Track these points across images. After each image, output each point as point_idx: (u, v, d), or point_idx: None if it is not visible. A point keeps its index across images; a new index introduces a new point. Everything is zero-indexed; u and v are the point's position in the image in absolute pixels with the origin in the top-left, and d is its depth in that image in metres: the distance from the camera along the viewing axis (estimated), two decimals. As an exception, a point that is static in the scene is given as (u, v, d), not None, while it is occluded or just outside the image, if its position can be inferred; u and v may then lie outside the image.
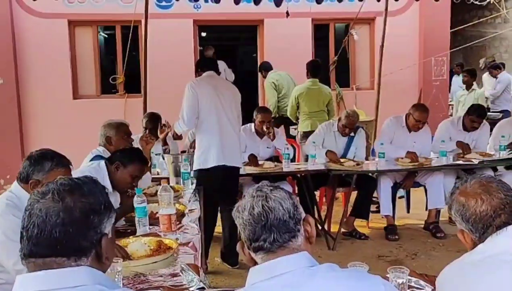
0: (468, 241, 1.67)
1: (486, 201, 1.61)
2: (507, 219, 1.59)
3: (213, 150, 4.19)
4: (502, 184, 1.68)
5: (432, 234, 5.11)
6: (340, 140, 5.39)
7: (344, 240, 5.08)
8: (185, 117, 4.17)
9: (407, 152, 5.09)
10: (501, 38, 12.65)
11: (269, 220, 1.43)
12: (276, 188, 1.51)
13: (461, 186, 1.71)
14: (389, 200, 5.16)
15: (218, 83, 4.37)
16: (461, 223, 1.66)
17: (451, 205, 1.70)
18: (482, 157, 5.11)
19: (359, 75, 8.66)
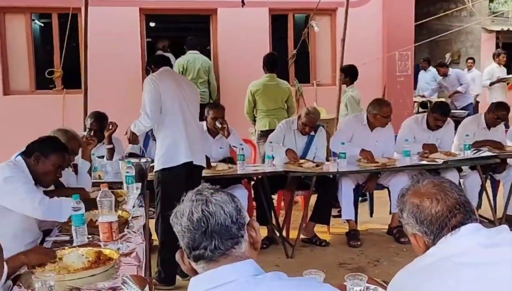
0: (420, 245, 1.71)
1: (441, 200, 1.66)
2: (462, 219, 1.64)
3: (180, 146, 4.19)
4: (453, 184, 1.74)
5: (396, 239, 5.22)
6: (300, 140, 5.44)
7: (304, 247, 5.12)
8: (149, 112, 4.14)
9: (362, 150, 5.18)
10: (467, 32, 13.08)
11: (210, 225, 1.43)
12: (218, 190, 1.51)
13: (413, 186, 1.75)
14: (351, 204, 5.24)
15: (178, 77, 4.42)
16: (414, 226, 1.70)
17: (403, 208, 1.74)
18: (447, 156, 5.27)
19: (320, 70, 8.76)
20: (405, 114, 7.85)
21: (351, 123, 5.52)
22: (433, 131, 5.58)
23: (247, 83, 6.52)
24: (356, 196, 5.37)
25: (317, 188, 5.11)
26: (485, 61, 12.91)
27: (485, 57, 12.92)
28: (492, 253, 1.54)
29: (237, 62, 7.67)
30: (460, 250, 1.58)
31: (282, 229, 5.23)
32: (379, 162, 5.15)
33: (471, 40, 13.24)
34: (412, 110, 9.01)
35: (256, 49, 7.58)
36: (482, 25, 12.69)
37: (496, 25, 12.73)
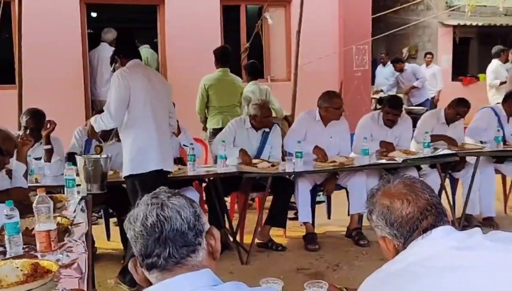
0: (390, 249, 1.70)
1: (413, 202, 1.66)
2: (433, 221, 1.65)
3: (150, 152, 4.09)
4: (425, 184, 1.75)
5: (355, 242, 5.27)
6: (254, 138, 5.42)
7: (259, 252, 5.11)
8: (113, 111, 4.01)
9: (315, 147, 5.20)
10: (424, 26, 13.40)
11: (164, 231, 1.40)
12: (175, 194, 1.49)
13: (384, 187, 1.74)
14: (308, 205, 5.26)
15: (149, 73, 4.28)
16: (384, 228, 1.69)
17: (372, 209, 1.73)
18: (406, 155, 5.35)
19: (274, 64, 8.79)
20: (363, 111, 7.95)
21: (303, 120, 5.54)
22: (390, 128, 5.66)
23: (197, 79, 6.45)
24: (313, 197, 5.39)
25: (272, 189, 5.10)
26: (442, 56, 13.27)
27: (442, 52, 13.28)
28: (465, 257, 1.55)
29: (187, 56, 7.57)
30: (432, 254, 1.57)
31: (236, 234, 5.20)
32: (336, 160, 5.18)
33: (428, 35, 13.57)
34: (370, 107, 9.15)
35: (207, 42, 7.51)
36: (439, 20, 13.02)
37: (452, 20, 13.08)
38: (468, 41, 14.67)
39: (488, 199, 5.67)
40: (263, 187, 5.09)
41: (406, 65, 10.39)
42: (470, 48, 15.11)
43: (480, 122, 5.99)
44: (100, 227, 5.48)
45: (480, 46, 14.97)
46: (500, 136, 5.61)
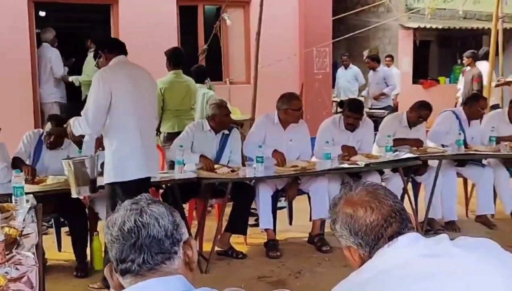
0: (356, 258, 1.70)
1: (376, 209, 1.66)
2: (398, 228, 1.65)
3: (133, 160, 4.04)
4: (388, 191, 1.75)
5: (317, 248, 5.29)
6: (213, 142, 5.38)
7: (219, 260, 5.07)
8: (91, 117, 3.90)
9: (274, 151, 5.21)
10: (385, 28, 13.65)
11: (141, 237, 1.44)
12: (156, 202, 1.52)
13: (346, 195, 1.74)
14: (269, 211, 5.25)
15: (133, 72, 4.18)
16: (349, 237, 1.68)
17: (335, 219, 1.72)
18: (368, 159, 5.41)
19: (233, 67, 8.78)
20: (324, 114, 8.03)
21: (262, 124, 5.54)
22: (352, 132, 5.71)
23: (153, 81, 6.35)
24: (274, 203, 5.39)
25: (232, 195, 5.08)
26: (402, 58, 13.53)
27: (402, 55, 13.54)
28: (433, 264, 1.55)
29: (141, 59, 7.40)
30: (400, 262, 1.57)
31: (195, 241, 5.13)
32: (297, 165, 5.19)
33: (389, 37, 13.82)
34: (331, 110, 9.24)
35: (163, 44, 7.41)
36: (399, 22, 13.28)
37: (413, 22, 13.35)
38: (428, 44, 15.02)
39: (450, 202, 5.79)
40: (222, 193, 5.06)
41: (380, 66, 10.44)
42: (430, 51, 15.46)
43: (442, 126, 6.11)
44: (50, 237, 5.34)
45: (440, 49, 15.36)
46: (462, 139, 5.74)
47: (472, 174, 6.03)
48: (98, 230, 4.88)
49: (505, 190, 5.98)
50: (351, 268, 4.46)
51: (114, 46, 4.17)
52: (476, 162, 5.99)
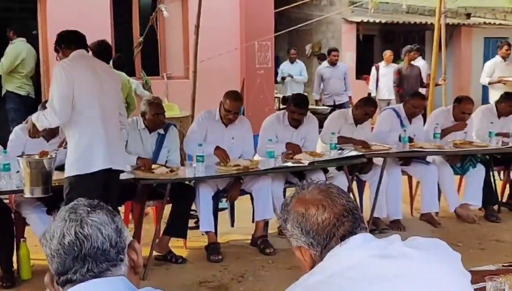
0: (306, 259, 1.70)
1: (328, 207, 1.67)
2: (351, 227, 1.66)
3: (97, 150, 4.09)
4: (341, 189, 1.77)
5: (261, 251, 5.29)
6: (148, 141, 5.30)
7: (158, 265, 5.01)
8: (58, 107, 3.95)
9: (216, 148, 5.21)
10: (328, 22, 13.81)
11: (84, 249, 1.41)
12: (96, 208, 1.48)
13: (298, 194, 1.75)
14: (210, 213, 5.22)
15: (96, 65, 4.25)
16: (300, 237, 1.69)
17: (287, 218, 1.73)
18: (313, 157, 5.45)
19: (171, 61, 8.71)
20: (266, 111, 8.05)
21: (203, 120, 5.51)
22: (296, 129, 5.75)
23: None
24: (215, 204, 5.36)
25: (171, 196, 5.02)
26: (346, 53, 13.72)
27: (346, 49, 13.72)
28: (386, 266, 1.57)
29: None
30: (352, 264, 1.58)
31: (132, 246, 5.05)
32: (239, 164, 5.19)
33: (332, 31, 13.98)
34: (273, 107, 9.27)
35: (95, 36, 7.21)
36: (342, 16, 13.46)
37: (356, 16, 13.57)
38: (371, 39, 15.27)
39: (395, 201, 5.91)
40: (161, 195, 5.00)
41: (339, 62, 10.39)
42: (373, 45, 15.73)
43: (384, 125, 6.24)
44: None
45: (383, 44, 15.63)
46: (406, 136, 5.86)
47: (417, 172, 6.18)
48: (25, 236, 4.72)
49: (449, 188, 6.16)
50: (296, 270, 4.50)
51: (72, 41, 4.20)
52: (421, 159, 6.15)
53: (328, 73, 10.18)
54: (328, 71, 10.21)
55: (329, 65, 10.24)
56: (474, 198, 6.16)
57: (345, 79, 10.27)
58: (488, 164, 6.34)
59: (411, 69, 9.80)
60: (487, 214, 6.28)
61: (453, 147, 6.01)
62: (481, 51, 15.24)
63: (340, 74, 10.21)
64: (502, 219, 6.23)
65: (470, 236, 5.68)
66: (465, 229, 5.96)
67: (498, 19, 15.54)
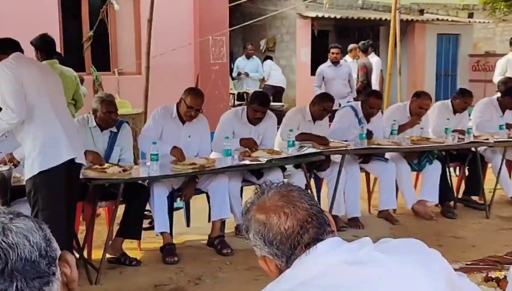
0: (272, 269, 1.64)
1: (291, 214, 1.61)
2: (316, 234, 1.60)
3: (59, 141, 4.08)
4: (303, 192, 1.70)
5: (218, 251, 5.24)
6: (100, 140, 5.18)
7: (111, 269, 4.91)
8: (13, 105, 3.91)
9: (173, 148, 5.14)
10: (282, 17, 13.85)
11: (10, 262, 1.22)
12: (18, 215, 1.30)
13: (258, 200, 1.68)
14: (164, 213, 5.14)
15: (38, 63, 4.34)
16: (263, 247, 1.62)
17: (248, 227, 1.66)
18: (271, 154, 5.42)
19: (122, 56, 8.60)
20: (221, 108, 8.01)
21: (159, 117, 5.43)
22: (254, 125, 5.71)
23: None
24: (170, 204, 5.28)
25: (124, 196, 4.91)
26: (301, 49, 13.79)
27: (300, 45, 13.79)
28: (357, 272, 1.52)
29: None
30: (322, 271, 1.53)
31: (83, 249, 4.94)
32: (195, 162, 5.12)
33: (286, 26, 14.02)
34: (228, 103, 9.23)
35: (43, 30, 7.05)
36: (297, 11, 13.50)
37: (311, 11, 13.64)
38: (326, 34, 15.38)
39: (353, 199, 5.94)
40: (113, 195, 4.89)
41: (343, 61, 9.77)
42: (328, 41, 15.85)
43: (342, 123, 6.25)
44: None
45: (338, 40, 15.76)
46: (364, 133, 5.88)
47: (375, 169, 6.22)
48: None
49: (407, 184, 6.23)
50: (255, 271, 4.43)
51: (6, 46, 4.17)
52: (379, 157, 6.19)
53: (331, 74, 9.17)
54: (330, 71, 9.21)
55: (332, 64, 9.22)
56: (431, 194, 6.25)
57: (350, 81, 9.26)
58: (444, 160, 6.44)
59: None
60: (443, 210, 6.37)
61: (410, 143, 6.07)
62: (434, 48, 15.58)
63: (344, 75, 9.22)
64: (458, 215, 6.34)
65: (428, 233, 5.75)
66: (423, 226, 6.04)
67: (451, 15, 15.90)
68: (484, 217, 6.28)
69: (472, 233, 5.84)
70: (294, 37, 13.79)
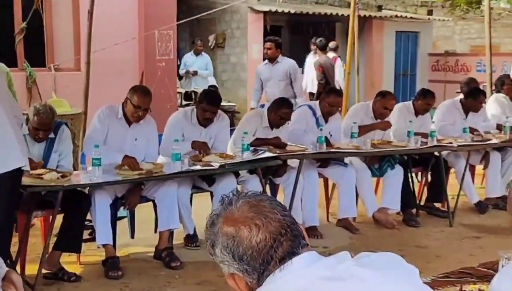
0: (242, 288, 1.61)
1: (263, 226, 1.57)
2: (290, 247, 1.58)
3: (8, 146, 4.05)
4: (274, 201, 1.67)
5: (166, 264, 5.18)
6: (35, 147, 5.05)
7: (47, 285, 4.80)
8: None
9: (125, 157, 5.08)
10: (233, 11, 13.85)
11: None
12: None
13: (225, 211, 1.64)
14: (107, 223, 5.05)
15: None
16: (232, 263, 1.59)
17: (214, 241, 1.62)
18: (223, 159, 5.39)
19: (60, 50, 8.52)
20: (168, 108, 7.96)
21: (104, 118, 5.34)
22: (205, 127, 5.67)
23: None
24: (113, 213, 5.19)
25: (63, 205, 4.81)
26: (252, 45, 13.81)
27: (252, 41, 13.81)
28: (339, 289, 1.51)
29: None
30: (299, 288, 1.50)
31: (16, 264, 4.80)
32: (142, 168, 5.05)
33: (237, 21, 14.02)
34: (175, 103, 9.19)
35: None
36: (248, 4, 13.52)
37: (263, 5, 13.69)
38: (279, 30, 15.45)
39: (311, 206, 5.95)
40: (50, 204, 4.81)
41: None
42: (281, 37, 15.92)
43: (298, 124, 6.24)
44: None
45: (291, 36, 15.89)
46: (323, 136, 5.89)
47: (334, 174, 6.25)
48: None
49: (367, 191, 6.29)
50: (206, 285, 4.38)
51: None
52: (338, 161, 6.21)
53: (266, 73, 8.06)
54: (266, 70, 8.09)
55: (268, 62, 8.10)
56: (393, 201, 6.32)
57: (292, 82, 7.92)
58: (407, 165, 6.52)
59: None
60: (405, 218, 6.46)
61: (371, 147, 6.12)
62: (392, 46, 15.88)
63: (280, 74, 7.93)
64: (421, 223, 6.43)
65: (390, 242, 5.82)
66: (384, 235, 6.10)
67: (409, 12, 16.21)
68: (447, 225, 6.41)
69: (436, 242, 5.94)
70: (245, 33, 13.80)
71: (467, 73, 14.62)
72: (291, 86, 7.89)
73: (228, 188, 5.35)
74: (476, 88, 7.40)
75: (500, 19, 16.21)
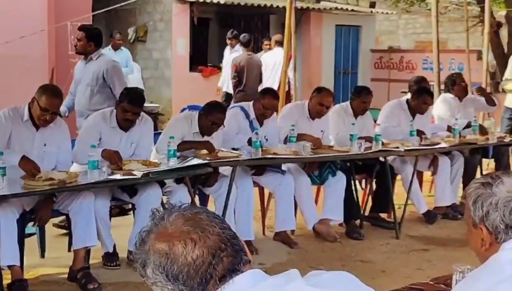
0: None
1: (200, 241, 1.58)
2: (231, 264, 1.59)
3: None
4: (212, 214, 1.69)
5: (82, 286, 5.09)
6: None
7: None
8: None
9: (22, 158, 4.97)
10: (155, 1, 13.81)
11: None
12: None
13: (157, 226, 1.64)
14: (13, 242, 4.94)
15: None
16: (165, 284, 1.59)
17: (145, 261, 1.61)
18: (146, 166, 5.34)
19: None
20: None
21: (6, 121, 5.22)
22: (126, 131, 5.62)
23: None
24: (21, 230, 5.08)
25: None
26: (177, 39, 13.77)
27: (177, 35, 13.78)
28: None
29: None
30: None
31: None
32: (53, 177, 4.96)
33: (160, 12, 13.97)
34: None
35: None
36: (173, -6, 13.51)
37: (190, -5, 13.69)
38: (207, 22, 15.48)
39: (245, 219, 5.95)
40: None
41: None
42: (209, 31, 15.94)
43: (230, 127, 6.22)
44: None
45: (220, 30, 15.92)
46: (258, 140, 5.90)
47: (270, 182, 6.26)
48: None
49: (307, 201, 6.34)
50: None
51: None
52: (275, 168, 6.24)
53: (78, 74, 7.01)
54: (78, 70, 7.06)
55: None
56: (335, 211, 6.39)
57: (110, 88, 6.68)
58: (349, 171, 6.61)
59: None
60: (348, 230, 6.55)
61: (311, 152, 6.17)
62: (332, 41, 16.12)
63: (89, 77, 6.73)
64: (365, 235, 6.53)
65: (332, 257, 5.91)
66: (326, 249, 6.18)
67: (350, 4, 16.52)
68: (393, 237, 6.54)
69: (381, 256, 6.05)
70: (169, 26, 13.76)
71: (413, 71, 14.95)
72: (107, 95, 6.69)
73: (152, 199, 5.33)
74: (421, 88, 7.51)
75: (446, 13, 16.65)
